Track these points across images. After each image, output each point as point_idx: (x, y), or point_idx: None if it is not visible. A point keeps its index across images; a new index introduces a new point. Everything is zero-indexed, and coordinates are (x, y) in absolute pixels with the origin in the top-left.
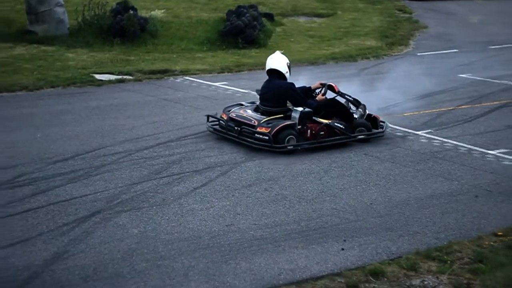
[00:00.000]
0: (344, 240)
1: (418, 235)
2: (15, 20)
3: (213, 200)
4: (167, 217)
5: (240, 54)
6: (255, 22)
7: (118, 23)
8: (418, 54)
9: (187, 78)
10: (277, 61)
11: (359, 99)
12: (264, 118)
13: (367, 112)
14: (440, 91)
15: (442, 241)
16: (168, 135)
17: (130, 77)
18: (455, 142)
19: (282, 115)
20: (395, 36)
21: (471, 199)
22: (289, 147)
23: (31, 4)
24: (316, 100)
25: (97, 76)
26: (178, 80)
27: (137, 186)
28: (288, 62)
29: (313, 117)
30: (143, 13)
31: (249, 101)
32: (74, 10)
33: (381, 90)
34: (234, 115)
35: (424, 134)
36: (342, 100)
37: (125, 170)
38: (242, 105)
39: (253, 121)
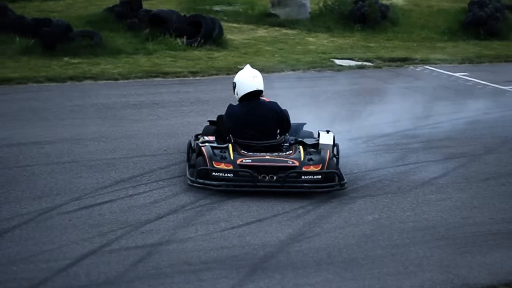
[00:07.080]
0: None
1: None
2: (257, 3)
3: (450, 191)
4: (402, 206)
5: (481, 45)
6: (498, 14)
7: (359, 9)
8: None
9: (427, 67)
10: (261, 79)
11: None
12: (300, 155)
13: None
14: None
15: None
16: (406, 124)
17: (370, 64)
18: None
19: (300, 146)
20: None
21: None
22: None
23: None
24: None
25: (337, 61)
26: (418, 69)
27: (373, 173)
28: None
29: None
30: (384, 1)
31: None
32: None
33: None
34: (250, 160)
35: None
36: None
37: (360, 157)
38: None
39: (290, 162)
